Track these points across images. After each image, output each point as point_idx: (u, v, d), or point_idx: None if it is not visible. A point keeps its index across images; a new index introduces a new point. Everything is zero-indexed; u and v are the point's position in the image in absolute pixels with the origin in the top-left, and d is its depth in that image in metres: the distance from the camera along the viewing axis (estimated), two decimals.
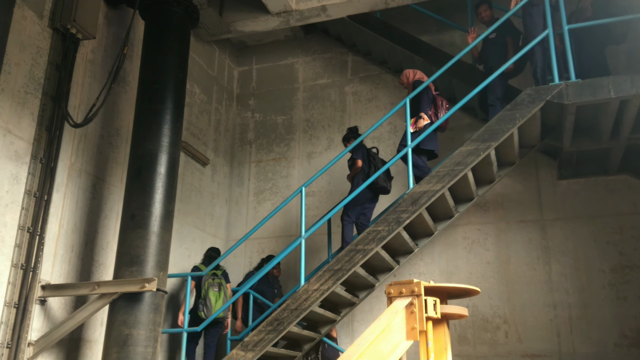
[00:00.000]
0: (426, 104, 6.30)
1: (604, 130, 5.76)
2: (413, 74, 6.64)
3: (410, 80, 6.59)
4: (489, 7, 6.70)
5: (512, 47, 6.37)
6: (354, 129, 6.90)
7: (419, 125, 6.13)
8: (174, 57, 5.92)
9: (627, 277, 6.53)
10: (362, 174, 6.48)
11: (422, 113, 6.19)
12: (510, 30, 6.48)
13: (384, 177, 6.48)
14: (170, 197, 5.48)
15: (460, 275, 7.14)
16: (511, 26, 6.50)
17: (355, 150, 6.60)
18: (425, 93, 6.34)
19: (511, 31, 6.48)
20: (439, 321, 3.32)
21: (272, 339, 5.54)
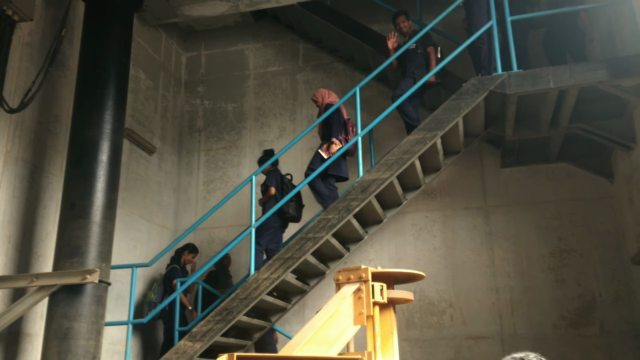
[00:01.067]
0: (337, 129, 6.31)
1: (544, 119, 5.97)
2: (327, 95, 6.62)
3: (325, 102, 6.56)
4: (407, 19, 6.69)
5: (433, 58, 6.35)
6: (269, 152, 6.89)
7: (331, 151, 6.12)
8: (117, 40, 5.71)
9: (565, 260, 6.83)
10: (274, 201, 6.39)
11: (333, 139, 6.19)
12: (431, 41, 6.44)
13: (295, 206, 6.46)
14: (113, 186, 5.31)
15: (409, 261, 7.27)
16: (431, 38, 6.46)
17: (269, 177, 6.58)
18: (337, 118, 6.35)
19: (432, 42, 6.43)
20: (386, 306, 3.37)
21: (221, 329, 5.50)
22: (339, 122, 6.36)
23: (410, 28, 6.69)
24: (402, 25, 6.64)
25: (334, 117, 6.34)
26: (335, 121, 6.33)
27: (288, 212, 6.35)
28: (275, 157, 6.44)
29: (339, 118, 6.39)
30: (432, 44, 6.36)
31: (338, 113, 6.40)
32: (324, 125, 6.46)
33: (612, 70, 5.29)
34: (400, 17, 6.66)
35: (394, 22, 6.74)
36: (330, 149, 6.17)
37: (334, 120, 6.34)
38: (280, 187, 6.56)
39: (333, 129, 6.29)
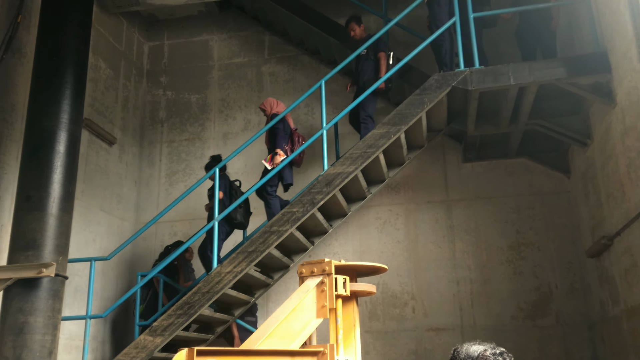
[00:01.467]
0: (282, 139, 6.31)
1: (504, 115, 6.09)
2: (275, 105, 6.59)
3: (272, 111, 6.54)
4: (359, 24, 6.65)
5: (384, 64, 6.26)
6: (217, 157, 6.83)
7: (275, 162, 6.13)
8: (75, 28, 5.54)
9: (523, 253, 7.01)
10: (221, 207, 6.34)
11: (278, 149, 6.20)
12: (382, 46, 6.37)
13: (243, 213, 6.44)
14: (70, 178, 5.17)
15: (372, 254, 7.34)
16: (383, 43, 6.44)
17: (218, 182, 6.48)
18: (283, 128, 6.35)
19: (383, 48, 6.36)
20: (349, 298, 3.40)
21: (182, 323, 5.44)
22: (284, 133, 6.35)
23: (363, 33, 6.64)
24: (353, 33, 6.61)
25: (280, 127, 6.32)
26: (280, 131, 6.32)
27: (236, 218, 6.30)
28: (223, 162, 6.36)
29: (285, 128, 6.37)
30: (383, 50, 6.32)
31: (284, 123, 6.38)
32: (270, 135, 6.43)
33: (570, 68, 5.44)
34: (351, 24, 6.62)
35: (346, 27, 6.70)
36: (274, 159, 6.15)
37: (279, 130, 6.32)
38: (229, 193, 6.50)
39: (278, 139, 6.28)
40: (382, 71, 6.21)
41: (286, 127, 6.42)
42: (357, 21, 6.65)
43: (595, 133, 5.86)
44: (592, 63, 5.42)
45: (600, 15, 5.52)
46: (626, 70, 4.94)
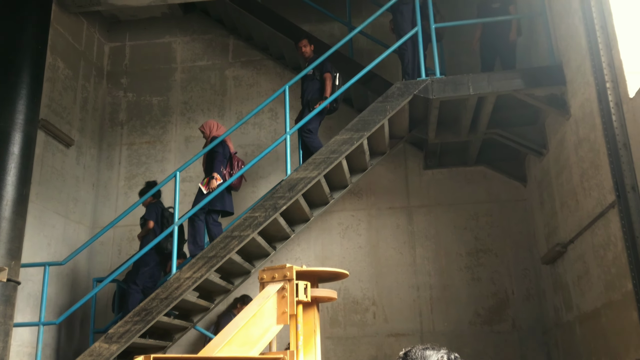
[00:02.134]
0: (221, 163, 6.23)
1: (464, 124, 6.23)
2: (216, 128, 6.51)
3: (212, 134, 6.45)
4: (309, 43, 6.65)
5: (329, 84, 6.25)
6: (151, 183, 6.69)
7: (211, 187, 6.02)
8: (32, 26, 5.38)
9: (481, 260, 7.16)
10: (152, 236, 6.23)
11: (214, 173, 6.10)
12: (329, 67, 6.36)
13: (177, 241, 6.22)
14: (24, 180, 5.01)
15: (335, 260, 7.36)
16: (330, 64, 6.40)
17: (149, 209, 6.40)
18: (222, 152, 6.27)
19: (329, 69, 6.35)
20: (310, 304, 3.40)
21: (139, 330, 5.32)
22: (223, 156, 6.26)
23: (312, 52, 6.64)
24: (304, 49, 6.60)
25: (219, 150, 6.24)
26: (219, 155, 6.23)
27: (166, 247, 6.15)
28: (158, 187, 6.22)
29: (225, 152, 6.29)
30: (329, 71, 6.34)
31: (224, 147, 6.30)
32: (209, 158, 6.32)
33: (527, 80, 5.61)
34: (301, 42, 6.61)
35: (296, 46, 6.70)
36: (210, 183, 6.05)
37: (218, 154, 6.22)
38: (160, 221, 6.33)
39: (216, 163, 6.19)
40: (327, 91, 6.21)
41: (226, 150, 6.32)
42: (309, 39, 6.64)
43: (551, 143, 6.05)
44: (547, 75, 5.60)
45: (556, 29, 5.72)
46: (580, 83, 5.12)
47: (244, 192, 7.80)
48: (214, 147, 6.21)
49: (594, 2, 4.67)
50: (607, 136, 4.49)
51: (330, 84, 6.27)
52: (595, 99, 4.71)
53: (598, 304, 5.01)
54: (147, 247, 5.77)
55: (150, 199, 6.38)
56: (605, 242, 4.78)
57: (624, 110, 4.35)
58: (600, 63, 4.56)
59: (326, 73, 6.31)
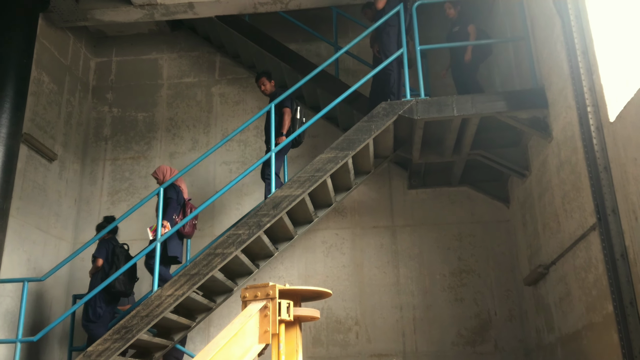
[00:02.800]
0: (174, 210, 6.12)
1: (448, 145, 6.29)
2: (169, 173, 6.46)
3: (166, 179, 6.39)
4: (269, 80, 6.62)
5: (286, 119, 6.24)
6: (109, 219, 6.54)
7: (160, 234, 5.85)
8: (18, 40, 5.38)
9: (464, 280, 7.18)
10: (102, 274, 6.12)
11: (165, 221, 5.97)
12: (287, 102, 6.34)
13: (125, 279, 6.07)
14: (5, 194, 4.96)
15: (318, 279, 7.33)
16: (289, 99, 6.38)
17: (99, 246, 6.25)
18: (176, 197, 6.18)
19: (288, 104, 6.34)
20: (292, 324, 3.37)
21: (119, 348, 5.23)
22: (177, 203, 6.16)
23: (273, 88, 6.64)
24: (263, 87, 6.60)
25: (173, 196, 6.14)
26: (172, 202, 6.12)
27: (114, 286, 5.95)
28: (115, 223, 6.08)
29: (178, 198, 6.20)
30: (288, 106, 6.31)
31: (177, 193, 6.22)
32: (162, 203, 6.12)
33: (510, 102, 5.69)
34: (262, 78, 6.60)
35: (256, 83, 6.68)
36: (157, 231, 5.87)
37: (171, 200, 6.12)
38: (111, 259, 6.18)
39: (168, 209, 6.07)
40: (283, 127, 6.21)
41: (180, 197, 6.23)
42: (268, 77, 6.62)
43: (533, 165, 6.13)
44: (530, 98, 5.69)
45: (538, 53, 5.83)
46: (562, 106, 5.21)
47: (228, 209, 7.77)
48: (168, 194, 6.08)
49: (576, 28, 4.79)
50: (588, 159, 4.56)
51: (289, 119, 6.25)
52: (576, 123, 4.79)
53: (579, 326, 5.04)
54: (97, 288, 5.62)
55: (105, 235, 6.21)
56: (586, 264, 4.83)
57: (605, 134, 4.44)
58: (581, 87, 4.66)
59: (284, 108, 6.29)
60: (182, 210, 6.24)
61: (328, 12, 8.02)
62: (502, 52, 7.24)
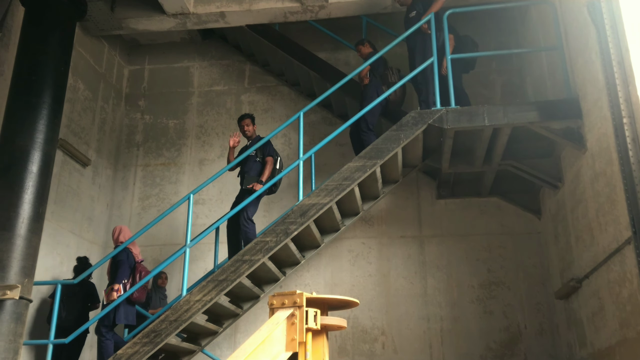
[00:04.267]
0: (124, 272, 6.00)
1: (478, 155, 6.22)
2: (118, 232, 6.40)
3: (119, 240, 6.35)
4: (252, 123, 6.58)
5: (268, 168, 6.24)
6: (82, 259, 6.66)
7: (110, 298, 5.79)
8: (56, 48, 5.52)
9: (493, 292, 7.06)
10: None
11: (116, 284, 5.88)
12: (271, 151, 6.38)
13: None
14: (41, 198, 5.07)
15: (344, 287, 7.31)
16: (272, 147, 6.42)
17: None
18: (127, 260, 6.08)
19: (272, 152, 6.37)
20: (319, 332, 3.36)
21: (148, 352, 5.29)
22: (127, 265, 6.05)
23: (254, 132, 6.65)
24: (247, 128, 6.59)
25: (123, 258, 6.05)
26: (123, 263, 6.02)
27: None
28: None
29: (129, 260, 6.11)
30: (271, 155, 6.34)
31: (128, 255, 6.11)
32: (113, 266, 6.14)
33: (543, 112, 5.60)
34: (244, 121, 6.60)
35: (239, 123, 6.66)
36: (110, 295, 5.82)
37: (122, 262, 6.02)
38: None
39: (119, 272, 5.98)
40: (264, 175, 6.20)
41: (130, 259, 6.13)
42: (252, 119, 6.62)
43: (566, 176, 6.01)
44: (564, 108, 5.59)
45: (573, 63, 5.73)
46: (597, 117, 5.11)
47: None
48: (119, 255, 6.02)
49: (611, 37, 4.69)
50: (624, 172, 4.46)
51: (271, 168, 6.26)
52: (612, 134, 4.69)
53: (612, 342, 4.90)
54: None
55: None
56: (620, 278, 4.70)
57: None
58: (617, 98, 4.56)
59: (268, 157, 6.32)
60: (132, 274, 6.11)
61: (357, 20, 8.04)
62: (534, 61, 7.14)
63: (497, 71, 7.93)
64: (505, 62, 7.93)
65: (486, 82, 7.84)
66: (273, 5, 7.02)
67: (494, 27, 8.02)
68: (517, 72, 7.88)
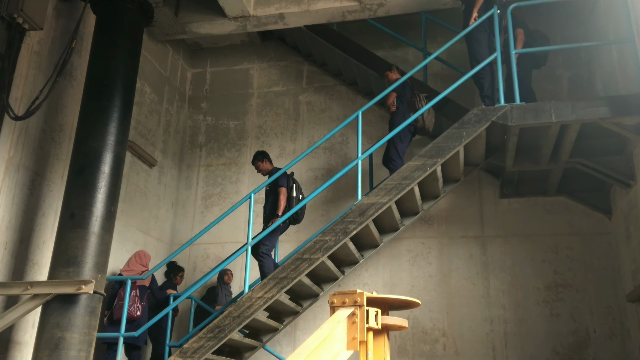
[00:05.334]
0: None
1: (545, 152, 6.01)
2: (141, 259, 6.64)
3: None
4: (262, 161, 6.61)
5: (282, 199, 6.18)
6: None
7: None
8: (125, 54, 5.78)
9: (560, 295, 6.81)
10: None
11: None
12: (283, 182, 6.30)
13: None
14: (113, 198, 5.32)
15: (403, 287, 7.25)
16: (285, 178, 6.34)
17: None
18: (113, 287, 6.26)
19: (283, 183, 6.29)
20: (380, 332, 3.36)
21: (212, 346, 5.45)
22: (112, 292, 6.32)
23: (269, 166, 6.63)
24: (260, 168, 6.61)
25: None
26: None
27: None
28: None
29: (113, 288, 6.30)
30: (283, 185, 6.26)
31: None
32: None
33: (614, 108, 5.35)
34: (255, 164, 6.64)
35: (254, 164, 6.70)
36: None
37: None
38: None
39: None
40: (279, 208, 6.16)
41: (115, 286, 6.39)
42: (259, 158, 6.62)
43: (639, 174, 5.72)
44: (636, 103, 5.32)
45: None
46: None
47: (314, 215, 7.87)
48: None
49: None
50: None
51: (284, 199, 6.20)
52: None
53: None
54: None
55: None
56: None
57: None
58: None
59: (280, 187, 6.25)
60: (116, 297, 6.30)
61: (416, 17, 7.94)
62: (604, 54, 6.83)
63: (564, 65, 7.63)
64: (573, 56, 7.61)
65: (552, 77, 7.56)
66: (331, 5, 7.05)
67: (559, 20, 7.72)
68: (586, 66, 7.55)
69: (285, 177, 6.37)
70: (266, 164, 6.64)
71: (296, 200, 6.27)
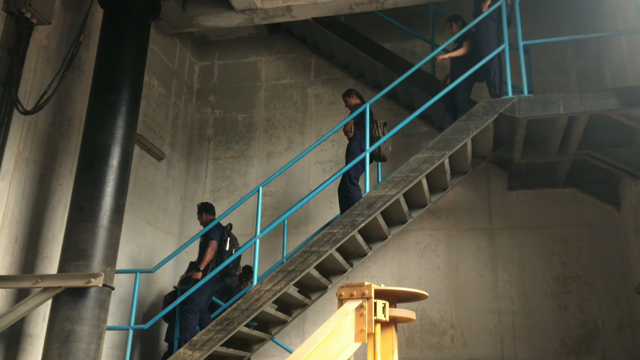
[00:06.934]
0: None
1: (553, 144, 5.98)
2: None
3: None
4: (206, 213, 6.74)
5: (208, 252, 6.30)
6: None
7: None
8: (133, 47, 5.80)
9: (568, 287, 6.79)
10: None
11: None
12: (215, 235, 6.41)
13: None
14: (121, 191, 5.36)
15: (411, 280, 7.26)
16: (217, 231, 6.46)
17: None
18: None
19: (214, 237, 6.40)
20: (388, 324, 3.37)
21: (221, 339, 5.50)
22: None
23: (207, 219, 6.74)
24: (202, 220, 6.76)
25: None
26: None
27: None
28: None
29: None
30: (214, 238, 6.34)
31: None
32: None
33: (623, 99, 5.31)
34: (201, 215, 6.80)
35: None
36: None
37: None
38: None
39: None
40: (204, 260, 6.26)
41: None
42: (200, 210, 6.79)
43: None
44: None
45: None
46: None
47: (322, 207, 7.89)
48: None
49: None
50: None
51: (212, 253, 6.28)
52: None
53: None
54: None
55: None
56: None
57: None
58: None
59: (210, 240, 6.32)
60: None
61: (424, 9, 7.89)
62: (613, 45, 6.76)
63: (573, 57, 7.57)
64: (582, 47, 7.55)
65: (561, 68, 7.51)
66: None
67: (567, 11, 7.65)
68: (595, 57, 7.49)
69: (219, 230, 6.43)
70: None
71: (228, 254, 6.33)
